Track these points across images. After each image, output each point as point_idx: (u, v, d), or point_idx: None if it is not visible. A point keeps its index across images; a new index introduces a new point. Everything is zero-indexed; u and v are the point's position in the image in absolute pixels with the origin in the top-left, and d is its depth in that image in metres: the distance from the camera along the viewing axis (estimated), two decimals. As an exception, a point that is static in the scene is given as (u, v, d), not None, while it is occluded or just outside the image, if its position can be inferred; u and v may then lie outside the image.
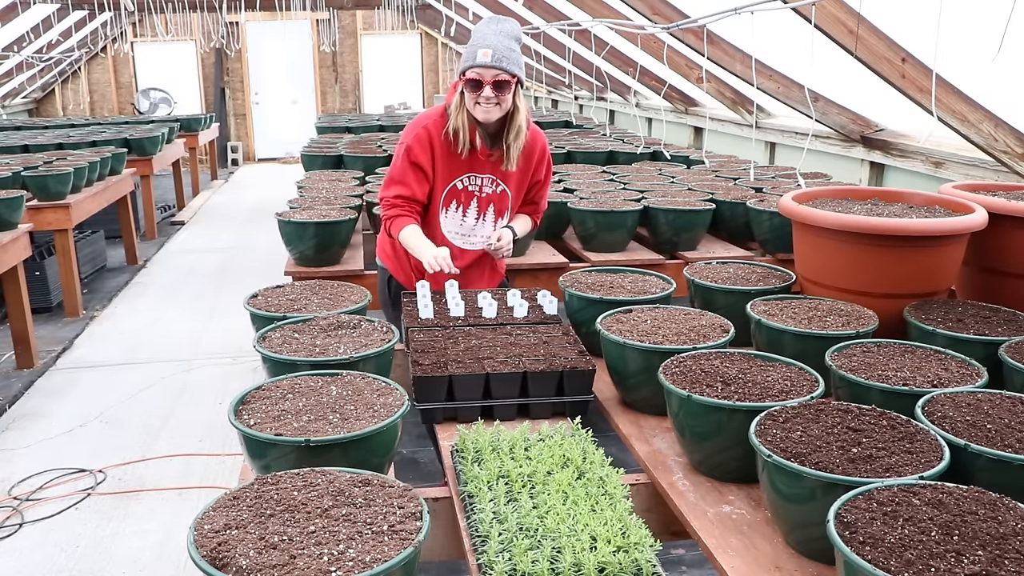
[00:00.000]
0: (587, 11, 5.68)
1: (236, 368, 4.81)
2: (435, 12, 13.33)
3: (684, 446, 1.86)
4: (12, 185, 5.39)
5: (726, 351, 2.03)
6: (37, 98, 13.88)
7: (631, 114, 7.62)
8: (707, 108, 6.44)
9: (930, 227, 2.39)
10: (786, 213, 2.68)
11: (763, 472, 1.54)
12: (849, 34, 3.38)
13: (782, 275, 2.71)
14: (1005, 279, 2.53)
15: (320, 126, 7.48)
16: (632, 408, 2.17)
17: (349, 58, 14.53)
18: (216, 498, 1.39)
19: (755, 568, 1.48)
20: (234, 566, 1.20)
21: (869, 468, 1.46)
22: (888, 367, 1.94)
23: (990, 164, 3.46)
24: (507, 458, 1.70)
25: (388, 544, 1.25)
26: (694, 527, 1.63)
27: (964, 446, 1.52)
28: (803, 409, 1.68)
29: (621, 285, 2.60)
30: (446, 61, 14.61)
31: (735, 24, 4.00)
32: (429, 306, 2.47)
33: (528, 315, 2.48)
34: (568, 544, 1.39)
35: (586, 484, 1.60)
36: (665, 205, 3.55)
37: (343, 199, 3.76)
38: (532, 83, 11.24)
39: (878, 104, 4.23)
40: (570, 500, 1.53)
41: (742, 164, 4.98)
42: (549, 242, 3.69)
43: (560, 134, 6.68)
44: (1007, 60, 2.61)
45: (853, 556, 1.20)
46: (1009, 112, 3.29)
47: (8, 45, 10.19)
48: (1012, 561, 1.19)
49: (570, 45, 7.26)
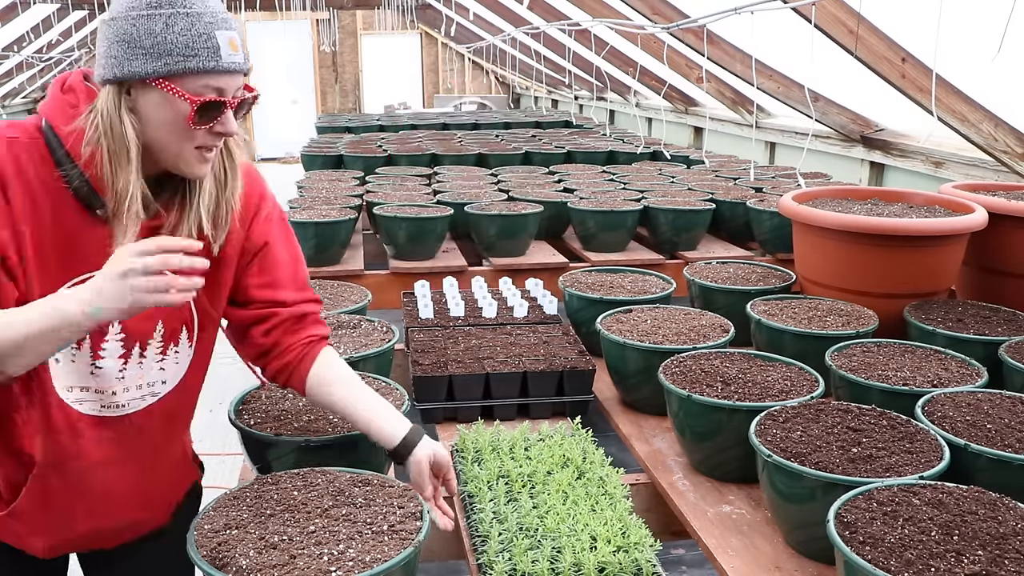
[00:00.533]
0: (587, 11, 5.68)
1: (236, 368, 4.79)
2: (435, 12, 13.33)
3: (684, 446, 1.86)
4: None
5: (726, 351, 2.03)
6: (37, 98, 13.87)
7: (631, 114, 7.62)
8: (707, 108, 6.44)
9: (930, 227, 2.39)
10: (786, 213, 2.68)
11: (763, 472, 1.55)
12: (849, 34, 3.38)
13: (782, 275, 2.71)
14: (1005, 279, 2.53)
15: (320, 126, 7.48)
16: (632, 408, 2.17)
17: (349, 58, 14.54)
18: (216, 498, 1.39)
19: (755, 568, 1.48)
20: (234, 566, 1.20)
21: (869, 468, 1.46)
22: (888, 367, 1.94)
23: (990, 164, 3.46)
24: (507, 458, 1.70)
25: (388, 544, 1.25)
26: (694, 527, 1.63)
27: (964, 446, 1.52)
28: (803, 409, 1.68)
29: (621, 285, 2.60)
30: (446, 61, 14.62)
31: (735, 24, 3.99)
32: (429, 306, 2.47)
33: (528, 315, 2.48)
34: (568, 544, 1.39)
35: (586, 484, 1.60)
36: (665, 205, 3.55)
37: (343, 199, 3.76)
38: (532, 83, 11.24)
39: (878, 104, 4.23)
40: (570, 500, 1.53)
41: (742, 164, 4.97)
42: (549, 242, 3.69)
43: (560, 134, 6.68)
44: (1007, 60, 2.61)
45: (853, 556, 1.20)
46: (1009, 112, 3.29)
47: (8, 45, 10.18)
48: (1012, 561, 1.19)
49: (570, 45, 7.25)
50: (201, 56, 1.27)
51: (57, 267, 1.31)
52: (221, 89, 1.30)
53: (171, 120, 1.29)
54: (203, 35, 1.28)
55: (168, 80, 1.26)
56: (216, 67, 1.29)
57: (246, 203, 1.49)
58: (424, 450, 1.47)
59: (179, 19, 1.27)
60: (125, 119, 1.28)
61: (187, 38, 1.27)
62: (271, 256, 1.54)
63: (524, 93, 13.29)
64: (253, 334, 1.53)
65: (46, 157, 1.30)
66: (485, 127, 7.50)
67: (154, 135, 1.30)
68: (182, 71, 1.27)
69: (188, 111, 1.28)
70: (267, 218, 1.55)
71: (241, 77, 1.35)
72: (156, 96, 1.28)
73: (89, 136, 1.28)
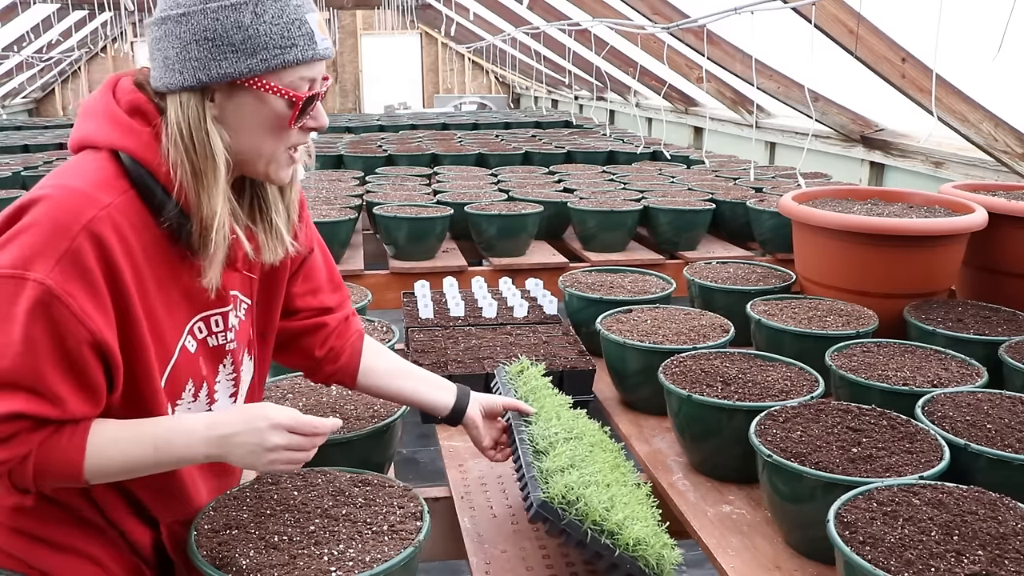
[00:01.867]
0: (587, 11, 5.68)
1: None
2: (435, 12, 13.33)
3: (684, 446, 1.86)
4: (12, 185, 5.39)
5: (726, 351, 2.03)
6: (37, 98, 13.89)
7: (631, 114, 7.62)
8: (707, 108, 6.44)
9: (930, 227, 2.39)
10: (786, 213, 2.68)
11: (763, 472, 1.55)
12: (849, 34, 3.38)
13: (782, 275, 2.71)
14: (1005, 279, 2.53)
15: (320, 126, 7.47)
16: (632, 408, 2.17)
17: (349, 58, 14.54)
18: (216, 498, 1.39)
19: (755, 568, 1.48)
20: (234, 566, 1.20)
21: (869, 468, 1.46)
22: (888, 367, 1.94)
23: (990, 164, 3.46)
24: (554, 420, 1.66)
25: (388, 544, 1.25)
26: (694, 527, 1.63)
27: (964, 446, 1.52)
28: (803, 409, 1.68)
29: (621, 285, 2.60)
30: (446, 61, 14.62)
31: (735, 24, 3.99)
32: (429, 306, 2.47)
33: (528, 315, 2.48)
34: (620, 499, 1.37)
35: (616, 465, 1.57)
36: (665, 205, 3.55)
37: (343, 199, 3.76)
38: (532, 83, 11.24)
39: (878, 104, 4.23)
40: (612, 475, 1.49)
41: (742, 164, 4.97)
42: (549, 242, 3.69)
43: (560, 134, 6.68)
44: (1007, 60, 2.61)
45: (853, 556, 1.20)
46: (1009, 112, 3.29)
47: (8, 45, 10.19)
48: (1012, 561, 1.19)
49: (570, 45, 7.25)
50: (300, 46, 1.12)
51: (166, 315, 1.19)
52: (314, 80, 1.17)
53: (269, 123, 1.15)
54: (296, 21, 1.12)
55: (265, 78, 1.12)
56: (314, 55, 1.14)
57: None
58: (474, 408, 1.57)
59: (268, 6, 1.11)
60: (212, 131, 1.12)
61: (280, 27, 1.11)
62: (313, 261, 1.47)
63: (524, 93, 13.29)
64: (304, 346, 1.48)
65: (140, 210, 1.13)
66: (485, 127, 7.51)
67: (247, 143, 1.16)
68: (280, 65, 1.11)
69: (289, 110, 1.14)
70: (308, 222, 1.45)
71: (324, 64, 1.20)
72: (250, 98, 1.13)
73: (173, 160, 1.11)
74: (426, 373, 1.60)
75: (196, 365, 1.26)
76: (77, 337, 1.06)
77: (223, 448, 1.16)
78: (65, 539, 1.24)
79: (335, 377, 1.54)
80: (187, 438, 1.16)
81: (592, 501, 1.33)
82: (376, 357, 1.56)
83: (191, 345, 1.24)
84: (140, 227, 1.13)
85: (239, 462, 1.19)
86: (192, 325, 1.23)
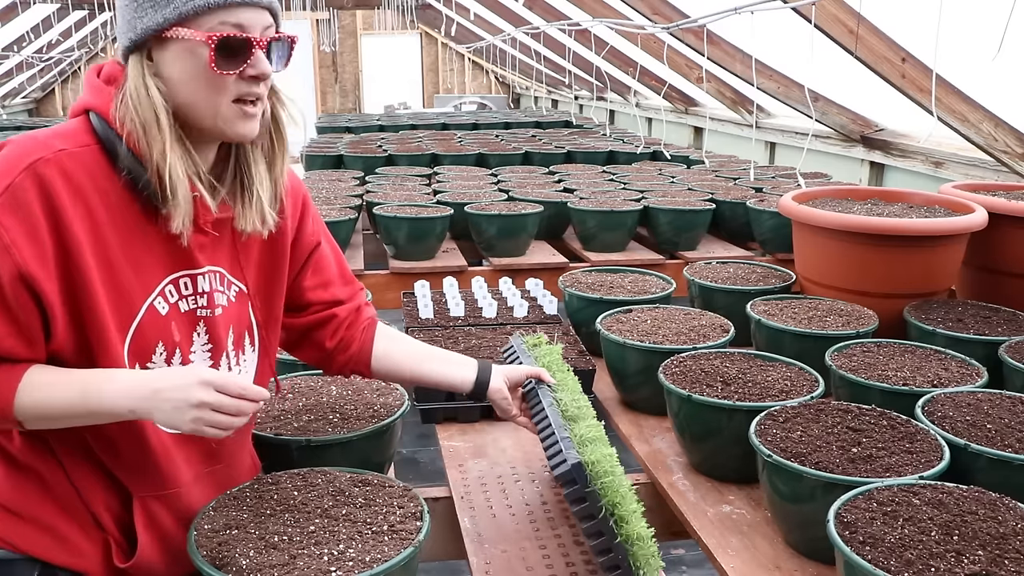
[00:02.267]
0: (587, 11, 5.68)
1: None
2: (435, 12, 13.32)
3: (684, 446, 1.86)
4: (12, 185, 5.39)
5: (726, 351, 2.03)
6: (37, 98, 13.88)
7: (631, 114, 7.62)
8: (707, 108, 6.44)
9: (930, 227, 2.39)
10: (786, 213, 2.68)
11: (763, 472, 1.55)
12: (849, 34, 3.38)
13: (782, 275, 2.71)
14: (1005, 279, 2.53)
15: (320, 126, 7.47)
16: (632, 408, 2.16)
17: (349, 58, 14.53)
18: (216, 498, 1.39)
19: (755, 568, 1.48)
20: (234, 566, 1.20)
21: (869, 468, 1.46)
22: (888, 367, 1.94)
23: (990, 164, 3.46)
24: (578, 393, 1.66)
25: (388, 544, 1.25)
26: (694, 527, 1.63)
27: (964, 446, 1.52)
28: (803, 409, 1.68)
29: (621, 285, 2.60)
30: (446, 61, 14.62)
31: (735, 24, 3.99)
32: (429, 306, 2.47)
33: (528, 315, 2.48)
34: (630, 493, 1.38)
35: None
36: (665, 205, 3.55)
37: (343, 199, 3.76)
38: (532, 83, 11.24)
39: (878, 104, 4.23)
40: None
41: (742, 164, 4.97)
42: (549, 242, 3.69)
43: (560, 134, 6.67)
44: (1007, 60, 2.61)
45: (853, 556, 1.20)
46: (1009, 112, 3.29)
47: (8, 45, 10.18)
48: (1012, 561, 1.19)
49: (570, 45, 7.25)
50: None
51: (133, 273, 1.22)
52: (241, 24, 1.18)
53: (194, 71, 1.18)
54: None
55: (181, 26, 1.15)
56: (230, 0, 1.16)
57: (293, 198, 1.43)
58: (498, 379, 1.58)
59: None
60: (150, 83, 1.17)
61: None
62: (321, 254, 1.50)
63: (524, 93, 13.29)
64: (316, 339, 1.53)
65: (103, 164, 1.19)
66: (485, 127, 7.50)
67: (185, 95, 1.19)
68: (192, 12, 1.15)
69: (208, 54, 1.16)
70: (315, 216, 1.50)
71: (267, 14, 1.23)
72: (174, 48, 1.17)
73: (123, 115, 1.18)
74: (445, 353, 1.63)
75: (167, 328, 1.27)
76: (4, 267, 1.11)
77: (150, 402, 1.16)
78: (31, 509, 1.25)
79: (349, 366, 1.56)
80: (116, 388, 1.17)
81: (616, 482, 1.35)
82: (391, 343, 1.58)
83: (161, 307, 1.26)
84: (102, 179, 1.19)
85: (164, 420, 1.18)
86: (163, 287, 1.26)
